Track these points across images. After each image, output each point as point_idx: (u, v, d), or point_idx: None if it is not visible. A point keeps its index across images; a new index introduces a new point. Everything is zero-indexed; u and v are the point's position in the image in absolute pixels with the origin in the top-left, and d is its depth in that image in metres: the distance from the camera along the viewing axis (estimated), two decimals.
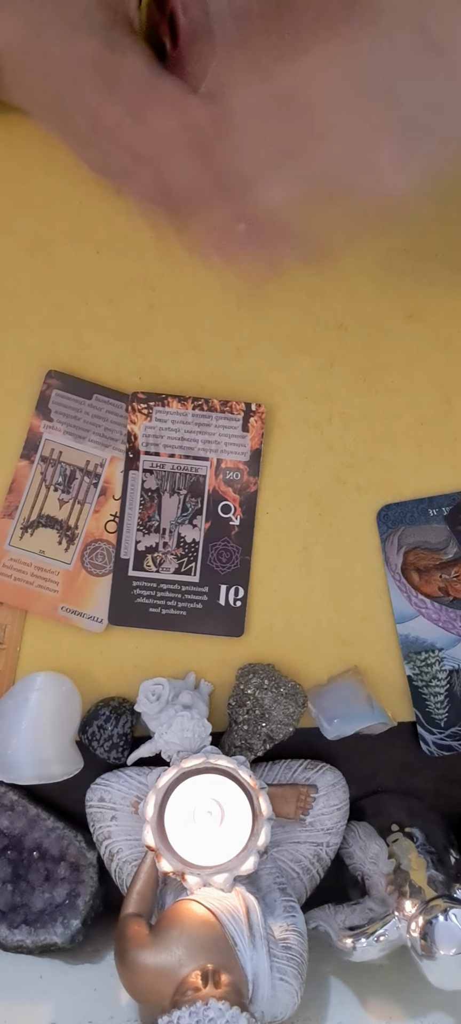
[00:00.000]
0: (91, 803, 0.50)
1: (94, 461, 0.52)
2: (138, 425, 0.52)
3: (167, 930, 0.42)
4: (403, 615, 0.53)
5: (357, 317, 0.53)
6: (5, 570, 0.51)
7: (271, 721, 0.49)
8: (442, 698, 0.52)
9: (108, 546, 0.52)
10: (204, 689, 0.51)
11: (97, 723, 0.50)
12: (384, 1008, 0.47)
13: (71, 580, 0.51)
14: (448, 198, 0.54)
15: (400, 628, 0.53)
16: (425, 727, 0.52)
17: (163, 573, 0.52)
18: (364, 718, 0.49)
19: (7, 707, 0.50)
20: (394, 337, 0.53)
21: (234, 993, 0.39)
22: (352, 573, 0.53)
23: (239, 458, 0.52)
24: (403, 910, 0.45)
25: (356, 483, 0.53)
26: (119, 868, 0.49)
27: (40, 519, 0.52)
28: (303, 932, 0.45)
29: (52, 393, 0.52)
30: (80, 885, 0.50)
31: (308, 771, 0.51)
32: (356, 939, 0.46)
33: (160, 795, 0.46)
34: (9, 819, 0.50)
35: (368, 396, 0.53)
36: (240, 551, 0.52)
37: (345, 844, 0.51)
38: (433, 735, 0.52)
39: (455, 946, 0.43)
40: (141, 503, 0.52)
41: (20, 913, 0.50)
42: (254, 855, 0.44)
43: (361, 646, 0.53)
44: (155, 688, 0.49)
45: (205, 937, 0.41)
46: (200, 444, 0.52)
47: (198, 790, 0.46)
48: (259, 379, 0.53)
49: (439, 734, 0.52)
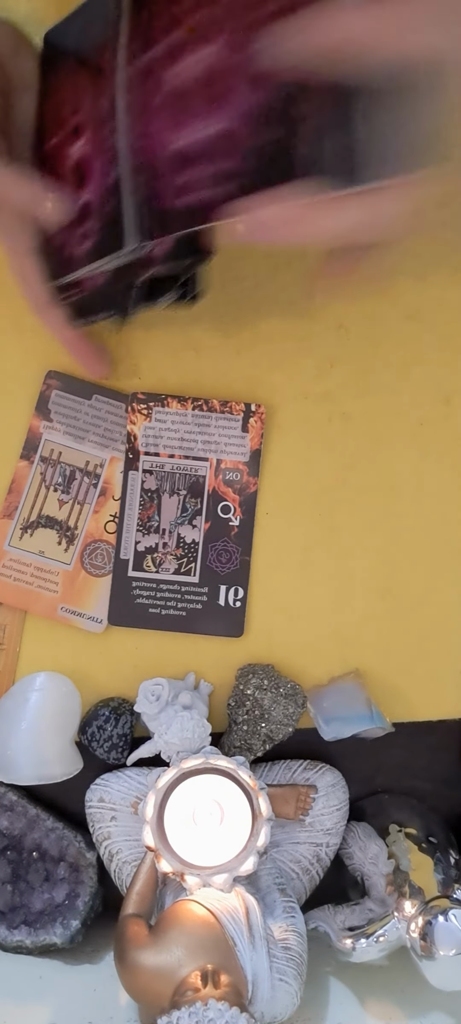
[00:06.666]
0: (91, 803, 0.50)
1: (94, 461, 0.52)
2: (138, 425, 0.52)
3: (167, 930, 0.42)
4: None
5: (357, 317, 0.53)
6: (5, 570, 0.51)
7: (271, 722, 0.49)
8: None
9: (108, 546, 0.52)
10: (204, 689, 0.51)
11: (97, 723, 0.50)
12: (384, 1009, 0.47)
13: (71, 580, 0.51)
14: (448, 198, 0.54)
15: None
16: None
17: (163, 573, 0.52)
18: (362, 722, 0.49)
19: (7, 707, 0.50)
20: (394, 337, 0.53)
21: (234, 994, 0.39)
22: (352, 573, 0.53)
23: (239, 458, 0.52)
24: (403, 911, 0.46)
25: (356, 483, 0.53)
26: (119, 868, 0.49)
27: (40, 519, 0.52)
28: (303, 933, 0.45)
29: (52, 393, 0.52)
30: (80, 886, 0.50)
31: (308, 772, 0.51)
32: (356, 940, 0.46)
33: (160, 795, 0.46)
34: (9, 819, 0.50)
35: (368, 396, 0.53)
36: (240, 551, 0.52)
37: (345, 844, 0.51)
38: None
39: (455, 947, 0.43)
40: (141, 503, 0.52)
41: (20, 913, 0.50)
42: (254, 855, 0.44)
43: (361, 647, 0.53)
44: (155, 688, 0.49)
45: (205, 938, 0.41)
46: (200, 444, 0.52)
47: (198, 791, 0.46)
48: (259, 379, 0.53)
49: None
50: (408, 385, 0.53)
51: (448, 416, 0.53)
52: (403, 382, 0.53)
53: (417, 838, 0.50)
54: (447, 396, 0.53)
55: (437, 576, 0.53)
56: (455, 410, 0.53)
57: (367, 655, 0.53)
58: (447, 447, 0.53)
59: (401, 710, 0.53)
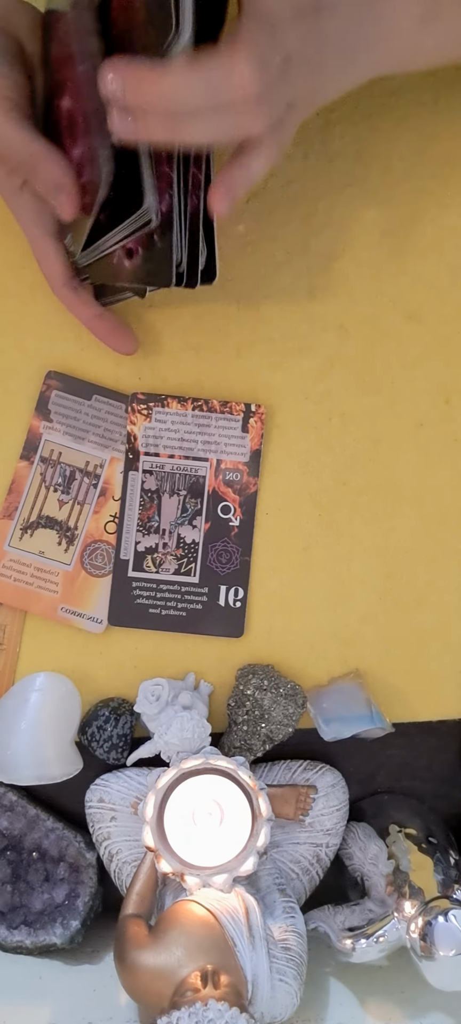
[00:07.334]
0: (90, 804, 0.50)
1: (94, 462, 0.52)
2: (138, 426, 0.52)
3: (166, 931, 0.42)
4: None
5: (357, 317, 0.53)
6: (5, 571, 0.51)
7: (270, 722, 0.49)
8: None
9: (108, 547, 0.52)
10: (204, 690, 0.51)
11: (97, 724, 0.50)
12: (383, 1009, 0.47)
13: (71, 581, 0.51)
14: (448, 198, 0.54)
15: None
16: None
17: (163, 574, 0.52)
18: (362, 722, 0.49)
19: (7, 708, 0.50)
20: (394, 338, 0.53)
21: (233, 994, 0.39)
22: (352, 573, 0.53)
23: (239, 459, 0.52)
24: (403, 911, 0.45)
25: (356, 484, 0.53)
26: (118, 869, 0.49)
27: (40, 520, 0.52)
28: (302, 933, 0.45)
29: (52, 394, 0.52)
30: (79, 886, 0.50)
31: (307, 772, 0.51)
32: (356, 940, 0.46)
33: (160, 796, 0.46)
34: (9, 820, 0.50)
35: (368, 397, 0.53)
36: (240, 552, 0.52)
37: (344, 845, 0.51)
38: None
39: (454, 947, 0.43)
40: (141, 504, 0.52)
41: (19, 914, 0.50)
42: (253, 856, 0.44)
43: (361, 647, 0.53)
44: (155, 689, 0.49)
45: (204, 938, 0.41)
46: (200, 445, 0.52)
47: (198, 791, 0.46)
48: (259, 379, 0.53)
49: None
50: (408, 385, 0.53)
51: (448, 416, 0.53)
52: (403, 382, 0.53)
53: (417, 838, 0.50)
54: (447, 396, 0.53)
55: (437, 576, 0.53)
56: (455, 410, 0.53)
57: (367, 655, 0.53)
58: (447, 447, 0.53)
59: (401, 710, 0.52)
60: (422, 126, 0.53)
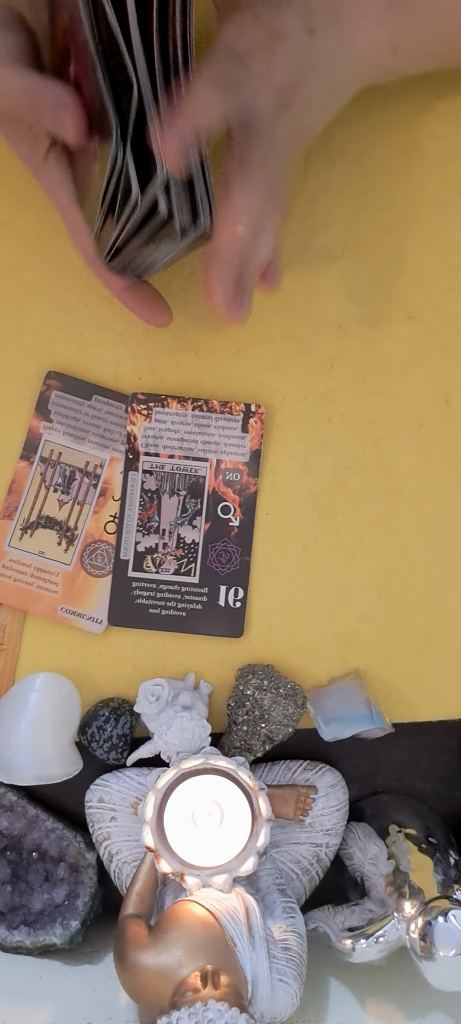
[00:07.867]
0: (90, 804, 0.50)
1: (94, 462, 0.52)
2: (138, 426, 0.52)
3: (166, 931, 0.42)
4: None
5: (357, 317, 0.53)
6: (5, 571, 0.51)
7: (270, 722, 0.49)
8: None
9: (108, 547, 0.52)
10: (204, 690, 0.51)
11: (96, 724, 0.50)
12: (383, 1009, 0.47)
13: (71, 581, 0.51)
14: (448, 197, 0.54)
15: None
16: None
17: (163, 574, 0.52)
18: (362, 722, 0.49)
19: (7, 708, 0.50)
20: (393, 338, 0.53)
21: (233, 994, 0.39)
22: (352, 573, 0.53)
23: (239, 459, 0.52)
24: (402, 911, 0.45)
25: (355, 484, 0.53)
26: (118, 869, 0.49)
27: (40, 520, 0.52)
28: (302, 933, 0.45)
29: (52, 394, 0.52)
30: (79, 886, 0.50)
31: (307, 772, 0.51)
32: (355, 940, 0.46)
33: (159, 796, 0.46)
34: (8, 820, 0.50)
35: (368, 397, 0.53)
36: (240, 552, 0.52)
37: (344, 845, 0.51)
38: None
39: (454, 947, 0.43)
40: (141, 504, 0.52)
41: (19, 914, 0.50)
42: (253, 856, 0.44)
43: (361, 647, 0.53)
44: (154, 689, 0.49)
45: (204, 938, 0.41)
46: (200, 445, 0.52)
47: (197, 791, 0.46)
48: (259, 380, 0.53)
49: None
50: (408, 385, 0.53)
51: (448, 416, 0.53)
52: (403, 382, 0.53)
53: (417, 838, 0.50)
54: (447, 396, 0.53)
55: (437, 576, 0.53)
56: (455, 410, 0.53)
57: (367, 655, 0.53)
58: (447, 447, 0.53)
59: (401, 710, 0.53)
60: (422, 126, 0.53)
